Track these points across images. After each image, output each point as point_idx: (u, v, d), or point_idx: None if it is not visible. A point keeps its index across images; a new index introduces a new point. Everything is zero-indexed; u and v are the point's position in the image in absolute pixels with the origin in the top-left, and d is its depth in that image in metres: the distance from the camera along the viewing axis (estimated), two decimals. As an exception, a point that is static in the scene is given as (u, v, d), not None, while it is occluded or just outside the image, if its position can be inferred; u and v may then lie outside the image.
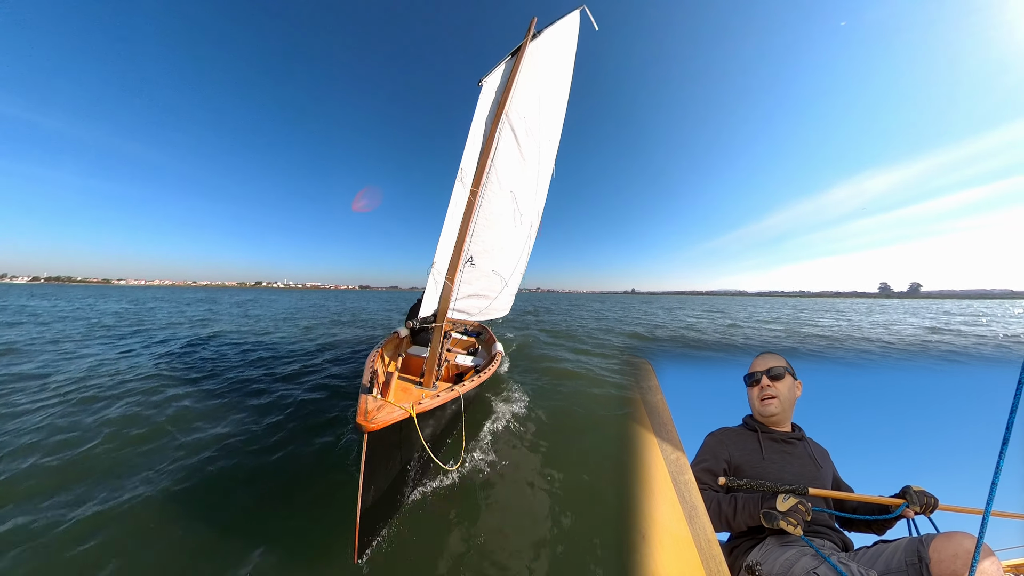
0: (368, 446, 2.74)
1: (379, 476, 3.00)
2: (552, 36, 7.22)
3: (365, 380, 4.19)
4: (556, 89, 7.60)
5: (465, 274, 6.16)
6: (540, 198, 7.65)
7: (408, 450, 3.38)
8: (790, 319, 26.47)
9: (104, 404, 5.98)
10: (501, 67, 6.59)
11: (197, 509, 3.51)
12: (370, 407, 2.94)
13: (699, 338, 14.13)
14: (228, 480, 4.01)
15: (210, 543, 3.11)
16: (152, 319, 20.10)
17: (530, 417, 5.69)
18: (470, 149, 6.14)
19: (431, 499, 3.66)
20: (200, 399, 6.37)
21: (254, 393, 6.82)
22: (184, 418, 5.53)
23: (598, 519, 3.29)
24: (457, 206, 5.97)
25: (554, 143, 7.75)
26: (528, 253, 7.77)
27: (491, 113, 6.31)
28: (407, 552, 3.01)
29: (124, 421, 5.31)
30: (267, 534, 3.21)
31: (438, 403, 3.51)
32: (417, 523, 3.34)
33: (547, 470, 4.18)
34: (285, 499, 3.76)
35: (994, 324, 21.89)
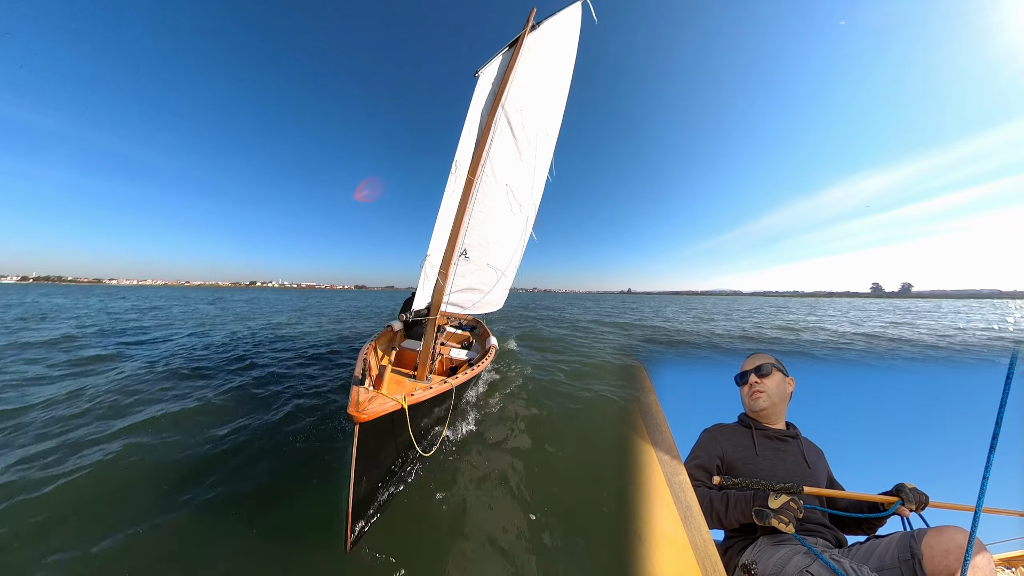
0: (359, 437, 2.72)
1: (371, 467, 2.99)
2: (552, 28, 7.06)
3: (357, 372, 4.16)
4: (555, 82, 7.45)
5: (459, 267, 6.11)
6: (536, 192, 7.57)
7: (400, 442, 3.36)
8: (754, 317, 27.79)
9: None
10: (498, 59, 6.48)
11: (189, 498, 3.49)
12: (362, 398, 2.92)
13: (693, 339, 14.36)
14: (222, 468, 4.02)
15: (200, 532, 3.10)
16: (174, 315, 21.05)
17: (524, 412, 5.68)
18: (465, 141, 6.05)
19: (423, 491, 3.65)
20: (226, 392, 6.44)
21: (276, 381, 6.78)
22: (206, 409, 5.63)
23: (592, 519, 3.29)
24: (452, 198, 5.90)
25: (552, 137, 7.64)
26: (523, 247, 7.72)
27: (487, 105, 6.21)
28: (398, 543, 3.01)
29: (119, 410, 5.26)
30: (258, 525, 3.20)
31: (430, 395, 3.48)
32: (408, 514, 3.34)
33: (541, 467, 4.17)
34: (276, 489, 3.74)
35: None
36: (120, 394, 6.15)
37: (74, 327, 14.21)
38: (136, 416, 5.26)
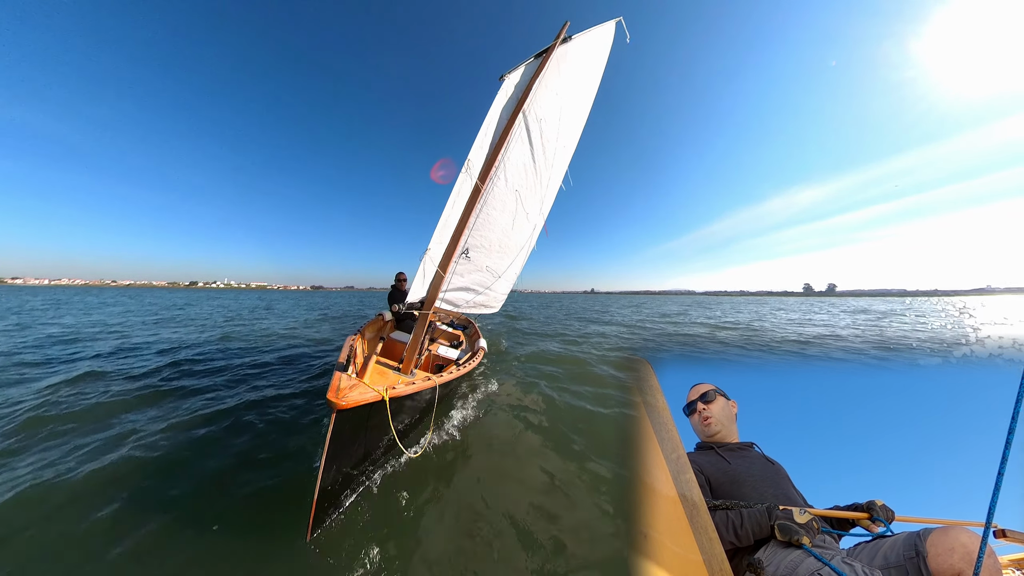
0: (335, 424, 2.61)
1: (343, 456, 2.87)
2: (583, 43, 7.16)
3: (342, 358, 4.03)
4: (579, 97, 7.50)
5: (459, 266, 6.03)
6: (546, 204, 7.55)
7: (376, 433, 3.23)
8: (681, 314, 29.52)
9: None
10: (522, 67, 6.59)
11: (146, 484, 3.34)
12: (343, 384, 2.82)
13: (700, 339, 14.31)
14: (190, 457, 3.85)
15: (155, 523, 2.94)
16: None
17: (514, 412, 5.49)
18: (480, 142, 6.07)
19: (393, 485, 3.49)
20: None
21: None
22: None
23: (596, 516, 3.15)
24: (460, 196, 5.87)
25: (569, 151, 7.67)
26: (525, 257, 7.66)
27: (507, 110, 6.27)
28: (360, 535, 2.85)
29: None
30: (218, 513, 3.08)
31: (412, 390, 3.36)
32: (375, 508, 3.18)
33: (537, 468, 3.96)
34: (240, 475, 3.59)
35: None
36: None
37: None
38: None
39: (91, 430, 4.47)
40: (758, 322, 21.06)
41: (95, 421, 4.76)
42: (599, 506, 3.26)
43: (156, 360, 8.30)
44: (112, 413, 5.05)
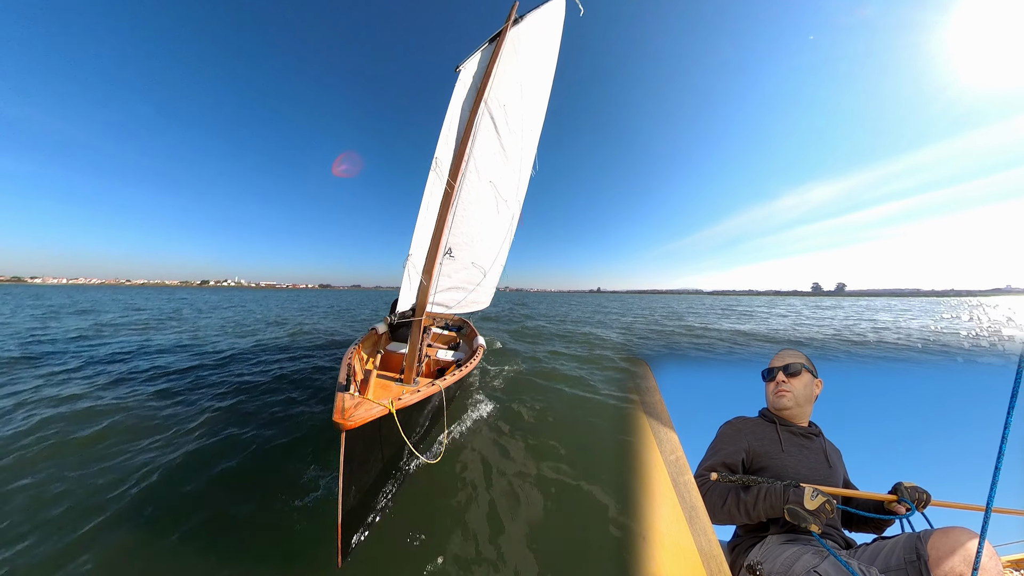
0: (346, 445, 2.61)
1: (359, 475, 2.89)
2: (535, 21, 6.95)
3: (342, 378, 4.01)
4: (539, 77, 7.35)
5: (444, 267, 6.00)
6: (522, 188, 7.50)
7: (389, 447, 3.26)
8: (665, 314, 28.89)
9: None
10: (478, 54, 6.36)
11: (166, 518, 3.28)
12: (347, 404, 2.81)
13: (699, 339, 14.41)
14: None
15: (182, 555, 2.91)
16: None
17: (517, 412, 5.62)
18: (445, 138, 5.91)
19: (415, 497, 3.56)
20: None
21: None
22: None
23: (595, 519, 3.25)
24: (433, 197, 5.76)
25: (536, 132, 7.55)
26: (508, 245, 7.64)
27: (468, 101, 6.09)
28: (392, 552, 2.92)
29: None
30: (244, 544, 3.05)
31: (418, 398, 3.40)
32: (401, 522, 3.23)
33: (538, 468, 4.10)
34: (263, 504, 3.56)
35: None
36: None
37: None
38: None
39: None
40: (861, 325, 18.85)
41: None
42: (599, 506, 3.38)
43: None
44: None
